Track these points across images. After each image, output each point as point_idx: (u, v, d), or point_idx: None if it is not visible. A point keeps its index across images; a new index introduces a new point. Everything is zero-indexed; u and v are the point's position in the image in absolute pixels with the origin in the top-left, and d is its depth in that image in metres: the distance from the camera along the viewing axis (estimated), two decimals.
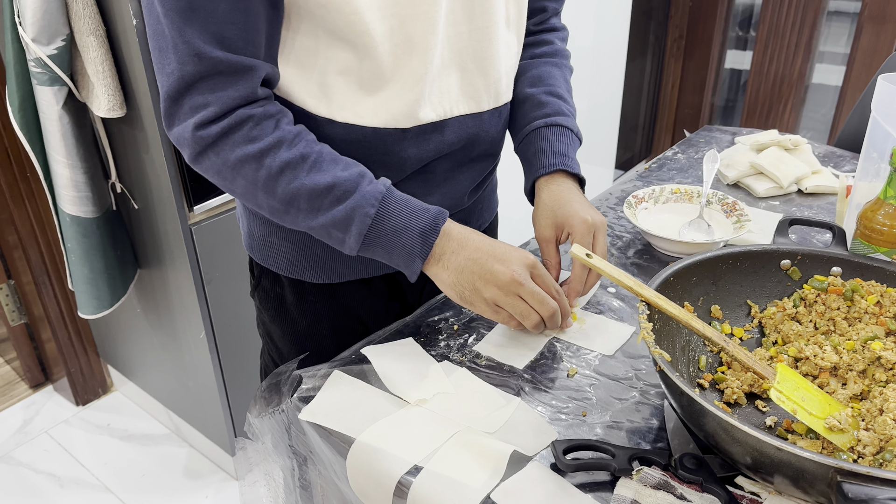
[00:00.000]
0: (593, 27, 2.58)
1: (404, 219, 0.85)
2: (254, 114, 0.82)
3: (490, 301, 0.86)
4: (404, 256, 0.86)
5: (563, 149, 1.01)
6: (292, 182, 0.83)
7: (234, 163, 0.82)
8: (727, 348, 0.80)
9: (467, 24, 0.90)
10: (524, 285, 0.85)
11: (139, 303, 1.92)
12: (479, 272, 0.85)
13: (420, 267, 0.86)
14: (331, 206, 0.84)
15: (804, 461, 0.61)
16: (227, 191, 0.87)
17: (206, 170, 0.85)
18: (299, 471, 0.90)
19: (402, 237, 0.85)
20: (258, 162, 0.82)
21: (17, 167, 1.87)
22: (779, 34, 2.95)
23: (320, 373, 0.88)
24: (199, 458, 2.05)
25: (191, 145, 0.82)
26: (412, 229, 0.85)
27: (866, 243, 0.92)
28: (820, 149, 1.48)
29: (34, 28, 1.37)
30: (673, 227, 1.16)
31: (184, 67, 0.78)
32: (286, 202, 0.84)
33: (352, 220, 0.84)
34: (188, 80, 0.79)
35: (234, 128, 0.81)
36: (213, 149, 0.82)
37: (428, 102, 0.91)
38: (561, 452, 0.72)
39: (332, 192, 0.83)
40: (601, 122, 2.89)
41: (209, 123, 0.81)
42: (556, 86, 1.06)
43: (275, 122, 0.83)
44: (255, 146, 0.82)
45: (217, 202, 1.60)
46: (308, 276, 1.02)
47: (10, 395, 2.27)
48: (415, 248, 0.85)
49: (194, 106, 0.80)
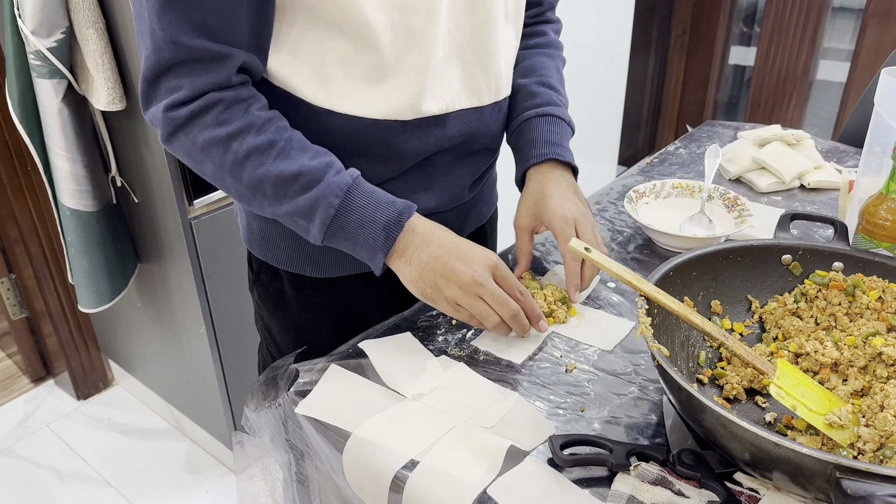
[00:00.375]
0: (596, 23, 2.57)
1: (369, 211, 0.84)
2: (224, 97, 0.82)
3: (451, 300, 0.86)
4: (367, 249, 0.86)
5: (554, 138, 1.01)
6: (258, 168, 0.83)
7: (202, 145, 0.83)
8: (727, 343, 0.79)
9: (468, 18, 0.90)
10: (484, 286, 0.84)
11: (139, 297, 1.92)
12: (440, 270, 0.85)
13: (382, 260, 0.86)
14: (296, 195, 0.83)
15: (803, 457, 0.60)
16: (197, 173, 0.87)
17: (176, 150, 0.85)
18: (296, 465, 0.89)
19: (365, 230, 0.85)
20: (225, 146, 0.82)
21: (18, 161, 1.87)
22: (783, 30, 2.93)
23: (317, 367, 0.87)
24: (199, 453, 2.05)
25: (162, 125, 0.83)
26: (376, 222, 0.84)
27: (868, 238, 0.91)
28: (823, 144, 1.47)
29: (34, 20, 1.37)
30: (674, 222, 1.15)
31: (160, 53, 0.78)
32: (252, 188, 0.84)
33: (315, 210, 0.83)
34: (164, 65, 0.79)
35: (204, 110, 0.81)
36: (182, 130, 0.83)
37: (430, 96, 0.91)
38: (558, 447, 0.72)
39: (297, 181, 0.83)
40: (604, 118, 2.88)
41: (180, 105, 0.81)
42: (549, 76, 1.07)
43: (245, 106, 0.83)
44: (223, 130, 0.82)
45: (217, 196, 1.60)
46: (307, 271, 1.02)
47: (11, 389, 2.27)
48: (377, 242, 0.85)
49: (168, 88, 0.81)
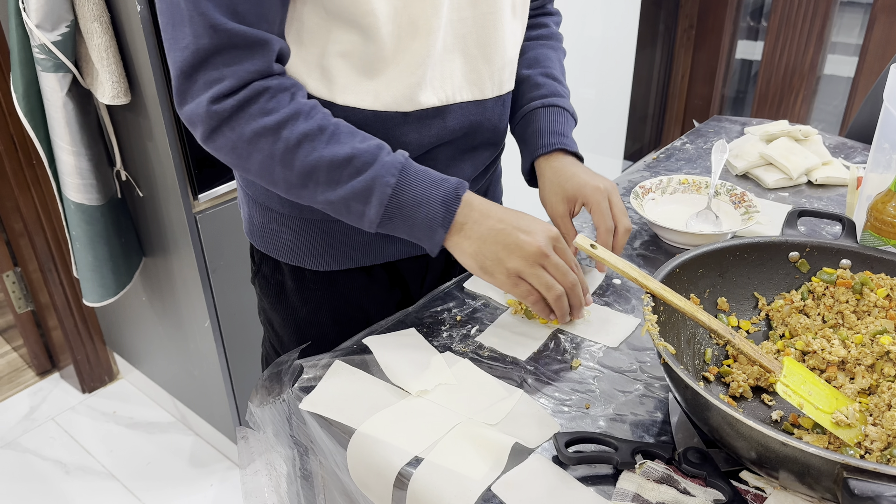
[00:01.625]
0: (603, 17, 2.56)
1: (425, 188, 0.83)
2: (269, 86, 0.81)
3: (513, 272, 0.84)
4: (426, 227, 0.84)
5: (560, 128, 1.02)
6: (311, 154, 0.81)
7: (251, 136, 0.81)
8: (733, 341, 0.79)
9: (471, 10, 0.90)
10: (549, 257, 0.84)
11: (144, 291, 1.92)
12: (503, 242, 0.84)
13: (443, 237, 0.84)
14: (350, 178, 0.82)
15: (810, 457, 0.60)
16: (241, 170, 0.85)
17: (220, 147, 0.83)
18: (300, 461, 0.89)
19: (423, 207, 0.83)
20: (275, 134, 0.81)
21: (23, 154, 1.87)
22: (790, 24, 2.91)
23: (321, 362, 0.87)
24: (203, 447, 2.06)
25: (205, 121, 0.80)
26: (433, 198, 0.83)
27: (876, 235, 0.90)
28: (831, 140, 1.46)
29: (38, 14, 1.36)
30: (680, 218, 1.14)
31: (199, 40, 0.77)
32: (304, 175, 0.82)
33: (372, 191, 0.82)
34: (203, 54, 0.77)
35: (250, 100, 0.80)
36: (227, 124, 0.80)
37: (429, 87, 0.90)
38: (563, 445, 0.71)
39: (351, 164, 0.82)
40: (610, 112, 2.87)
41: (224, 97, 0.79)
42: (552, 68, 1.08)
43: (290, 94, 0.82)
44: (272, 118, 0.80)
45: (222, 190, 1.60)
46: (308, 264, 1.02)
47: (16, 382, 2.28)
48: (436, 218, 0.83)
49: (209, 81, 0.79)
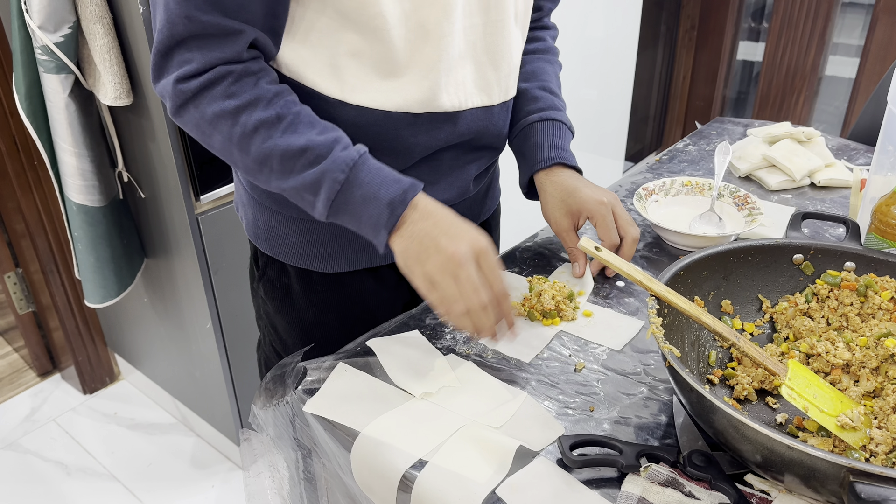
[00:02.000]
0: (604, 17, 2.55)
1: (374, 188, 0.83)
2: (233, 70, 0.82)
3: (427, 275, 0.82)
4: (371, 226, 0.84)
5: (559, 142, 1.03)
6: (266, 141, 0.83)
7: (211, 117, 0.83)
8: (738, 344, 0.78)
9: (482, 17, 0.91)
10: (462, 267, 0.80)
11: (146, 292, 1.92)
12: (426, 243, 0.82)
13: (385, 238, 0.84)
14: (302, 169, 0.83)
15: (816, 460, 0.60)
16: (206, 146, 0.88)
17: (185, 123, 0.86)
18: (304, 463, 0.89)
19: (369, 206, 0.83)
20: (234, 118, 0.82)
21: (25, 155, 1.87)
22: (792, 25, 2.91)
23: (325, 365, 0.87)
24: (205, 448, 2.05)
25: (171, 97, 0.83)
26: (380, 199, 0.83)
27: (881, 238, 0.90)
28: (833, 142, 1.46)
29: (41, 15, 1.36)
30: (683, 220, 1.14)
31: (173, 27, 0.79)
32: (259, 161, 0.84)
33: (321, 185, 0.83)
34: (176, 39, 0.80)
35: (214, 83, 0.82)
36: (192, 102, 0.83)
37: (445, 92, 0.91)
38: (568, 448, 0.71)
39: (304, 155, 0.83)
40: (612, 113, 2.87)
41: (190, 77, 0.82)
42: (549, 81, 1.09)
43: (255, 79, 0.84)
44: (232, 102, 0.82)
45: (224, 191, 1.60)
46: (315, 266, 1.02)
47: (17, 384, 2.28)
48: (381, 219, 0.83)
49: (179, 61, 0.82)
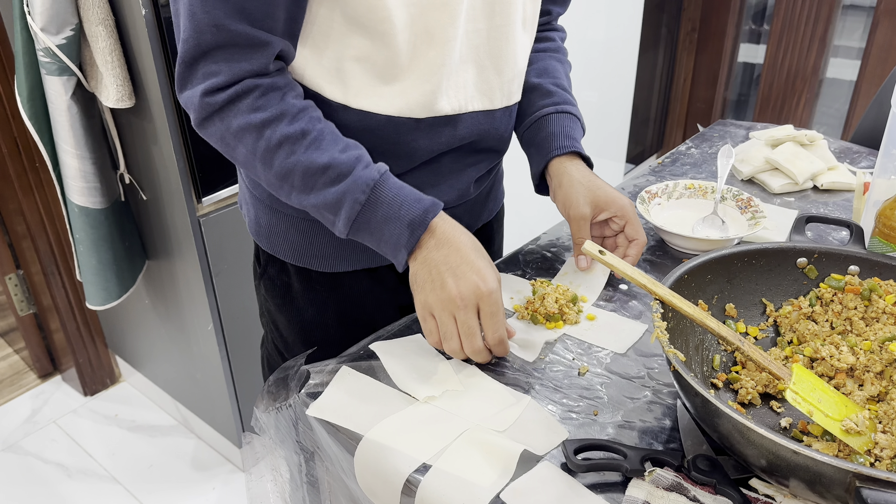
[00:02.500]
0: (605, 20, 2.55)
1: (394, 208, 0.84)
2: (261, 84, 0.82)
3: (426, 305, 0.84)
4: (391, 245, 0.86)
5: (573, 133, 1.04)
6: (289, 157, 0.83)
7: (236, 131, 0.83)
8: (742, 348, 0.78)
9: (486, 22, 0.91)
10: (461, 311, 0.82)
11: (147, 294, 1.92)
12: (433, 275, 0.84)
13: (405, 258, 0.86)
14: (324, 187, 0.84)
15: (822, 465, 0.59)
16: (228, 157, 0.88)
17: (209, 135, 0.86)
18: (306, 466, 0.89)
19: (389, 226, 0.84)
20: (258, 133, 0.83)
21: (27, 157, 1.87)
22: (793, 28, 2.91)
23: (328, 368, 0.87)
24: (206, 450, 2.05)
25: (197, 110, 0.83)
26: (401, 219, 0.84)
27: (885, 241, 0.90)
28: (835, 144, 1.46)
29: (43, 17, 1.36)
30: (686, 224, 1.14)
31: (201, 36, 0.79)
32: (281, 177, 0.84)
33: (342, 205, 0.84)
34: (204, 48, 0.80)
35: (240, 96, 0.82)
36: (217, 115, 0.83)
37: (444, 95, 0.91)
38: (572, 452, 0.71)
39: (326, 173, 0.83)
40: (612, 115, 2.87)
41: (217, 91, 0.82)
42: (561, 79, 1.10)
43: (281, 94, 0.84)
44: (258, 116, 0.82)
45: (226, 193, 1.60)
46: (315, 265, 1.02)
47: (18, 385, 2.28)
48: (402, 239, 0.85)
49: (206, 73, 0.81)
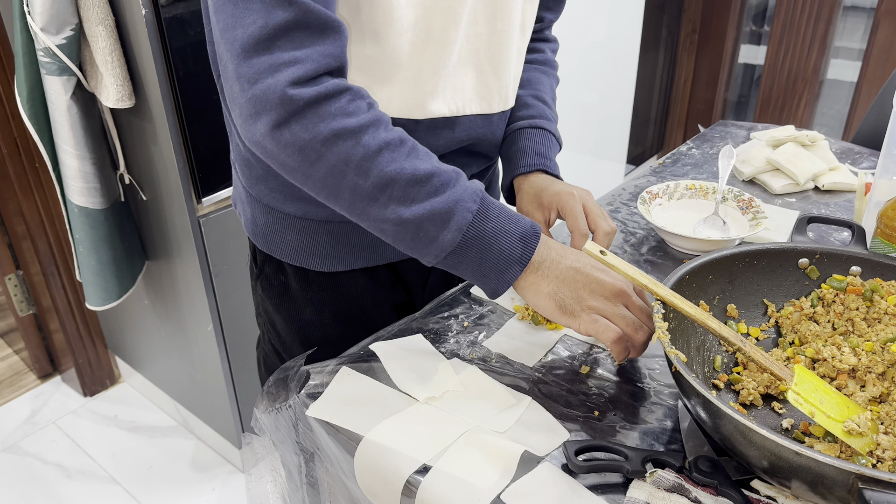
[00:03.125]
0: (606, 21, 2.55)
1: (504, 221, 0.79)
2: (350, 87, 0.76)
3: (595, 309, 0.80)
4: (500, 262, 0.79)
5: (544, 151, 1.03)
6: (391, 164, 0.76)
7: (328, 136, 0.74)
8: (743, 348, 0.78)
9: (487, 26, 0.91)
10: (631, 297, 0.81)
11: (147, 295, 1.91)
12: (583, 281, 0.80)
13: (517, 275, 0.79)
14: (428, 196, 0.76)
15: (824, 466, 0.59)
16: (298, 175, 0.77)
17: (286, 144, 0.75)
18: (306, 467, 0.89)
19: (501, 240, 0.78)
20: (356, 138, 0.75)
21: (26, 157, 1.87)
22: (793, 29, 2.91)
23: (328, 369, 0.86)
24: (206, 451, 2.05)
25: (278, 107, 0.72)
26: (512, 233, 0.79)
27: (886, 242, 0.90)
28: (837, 145, 1.46)
29: (43, 17, 1.36)
30: (688, 224, 1.14)
31: (271, 14, 0.71)
32: (379, 187, 0.76)
33: (452, 214, 0.76)
34: (272, 30, 0.71)
35: (330, 97, 0.74)
36: (299, 119, 0.73)
37: (441, 97, 0.91)
38: (573, 453, 0.71)
39: (430, 181, 0.76)
40: (613, 116, 2.87)
41: (305, 82, 0.72)
42: (542, 91, 1.09)
43: (367, 103, 0.78)
44: (354, 120, 0.75)
45: (226, 194, 1.60)
46: (312, 265, 1.01)
47: (18, 386, 2.27)
48: (514, 253, 0.79)
49: (276, 64, 0.71)
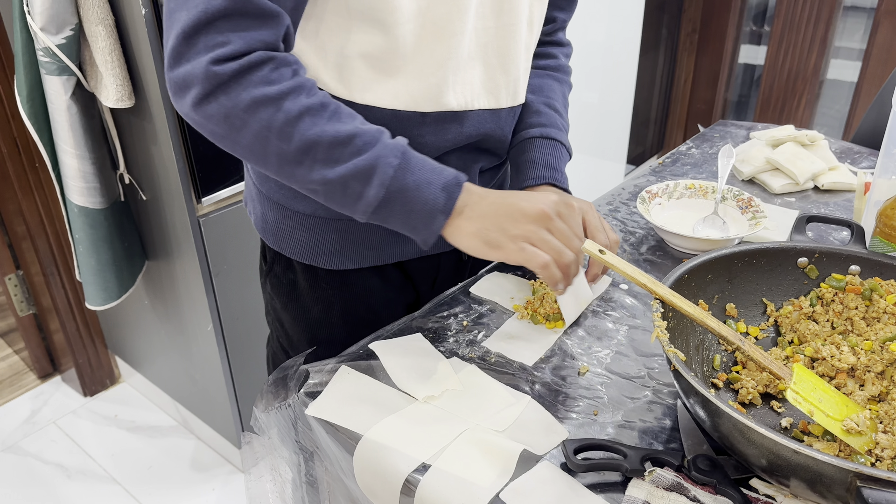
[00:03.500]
0: (606, 21, 2.56)
1: (426, 173, 0.81)
2: (274, 56, 0.78)
3: (519, 237, 0.82)
4: (425, 213, 0.81)
5: (554, 163, 1.03)
6: (312, 128, 0.78)
7: (249, 103, 0.77)
8: (742, 348, 0.78)
9: (494, 20, 0.91)
10: (554, 220, 0.83)
11: (147, 294, 1.92)
12: (505, 212, 0.83)
13: (443, 223, 0.82)
14: (351, 156, 0.79)
15: (823, 465, 0.59)
16: (228, 142, 0.81)
17: (210, 115, 0.78)
18: (305, 466, 0.89)
19: (424, 191, 0.81)
20: (276, 104, 0.77)
21: (26, 157, 1.87)
22: (794, 29, 2.91)
23: (327, 368, 0.87)
24: (205, 451, 2.05)
25: (201, 83, 0.76)
26: (434, 183, 0.81)
27: (885, 241, 0.90)
28: (836, 145, 1.46)
29: (43, 17, 1.36)
30: (687, 224, 1.14)
31: (210, 2, 0.73)
32: (302, 150, 0.79)
33: (374, 170, 0.79)
34: (211, 15, 0.74)
35: (253, 68, 0.76)
36: (223, 89, 0.76)
37: (451, 90, 0.91)
38: (572, 452, 0.71)
39: (352, 142, 0.79)
40: (613, 116, 2.87)
41: (227, 60, 0.75)
42: (555, 99, 1.09)
43: (293, 69, 0.80)
44: (275, 88, 0.77)
45: (225, 194, 1.60)
46: (321, 262, 1.01)
47: (18, 386, 2.27)
48: (438, 203, 0.81)
49: (211, 44, 0.75)
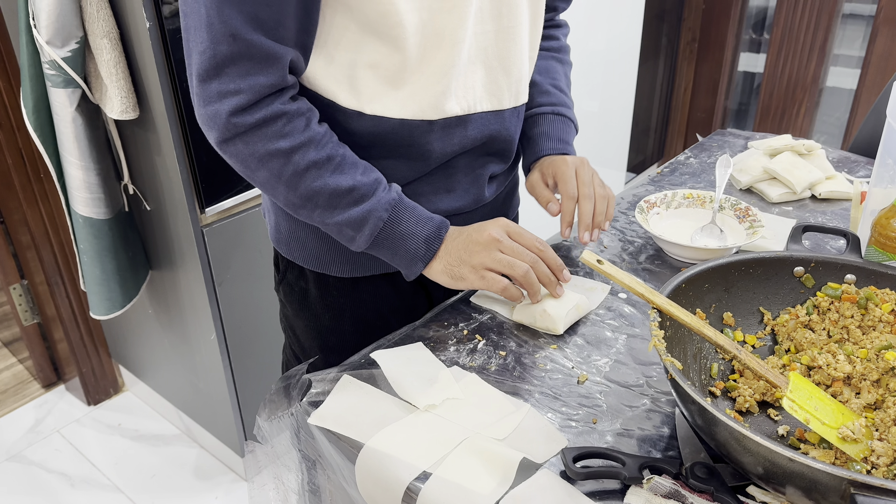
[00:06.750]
0: (606, 29, 2.57)
1: (412, 226, 0.93)
2: (287, 111, 0.86)
3: (478, 266, 0.93)
4: (407, 259, 0.94)
5: (565, 136, 1.11)
6: (316, 181, 0.88)
7: (263, 155, 0.86)
8: (739, 356, 0.79)
9: (494, 23, 0.94)
10: (501, 241, 0.93)
11: (151, 304, 1.93)
12: (462, 246, 0.94)
13: (421, 269, 0.95)
14: (348, 207, 0.90)
15: (817, 472, 0.60)
16: (245, 177, 0.91)
17: (231, 156, 0.88)
18: (308, 475, 0.90)
19: (408, 242, 0.93)
20: (286, 158, 0.87)
21: (31, 168, 1.89)
22: (793, 37, 2.93)
23: (329, 377, 0.88)
24: (209, 459, 2.06)
25: (221, 130, 0.85)
26: (418, 235, 0.93)
27: (881, 251, 0.91)
28: (834, 154, 1.47)
29: (48, 30, 1.38)
30: (685, 233, 1.15)
31: (217, 47, 0.80)
32: (306, 198, 0.89)
33: (366, 222, 0.91)
34: (219, 61, 0.80)
35: (268, 121, 0.85)
36: (242, 138, 0.85)
37: (453, 96, 0.94)
38: (571, 460, 0.72)
39: (350, 194, 0.90)
40: (613, 124, 2.88)
41: (243, 112, 0.83)
42: (559, 80, 1.15)
43: (305, 120, 0.88)
44: (287, 142, 0.86)
45: (229, 204, 1.61)
46: (333, 270, 1.04)
47: (22, 395, 2.28)
48: (419, 252, 0.94)
49: (224, 91, 0.82)
